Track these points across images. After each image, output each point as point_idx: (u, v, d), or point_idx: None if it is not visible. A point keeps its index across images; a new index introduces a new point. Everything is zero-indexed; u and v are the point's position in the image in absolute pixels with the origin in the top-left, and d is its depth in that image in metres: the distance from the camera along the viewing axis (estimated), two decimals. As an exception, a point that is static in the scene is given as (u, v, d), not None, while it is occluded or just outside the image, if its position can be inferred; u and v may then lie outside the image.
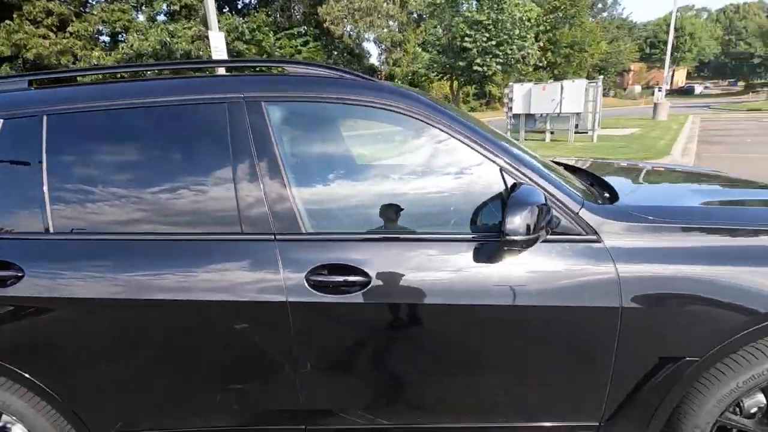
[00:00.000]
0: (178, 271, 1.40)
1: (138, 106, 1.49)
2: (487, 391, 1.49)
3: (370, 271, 1.34)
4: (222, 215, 1.43)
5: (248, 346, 1.43)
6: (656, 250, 1.35)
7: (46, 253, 1.45)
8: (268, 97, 1.47)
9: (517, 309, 1.35)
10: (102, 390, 1.51)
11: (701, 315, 1.34)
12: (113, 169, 1.52)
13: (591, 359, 1.41)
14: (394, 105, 1.45)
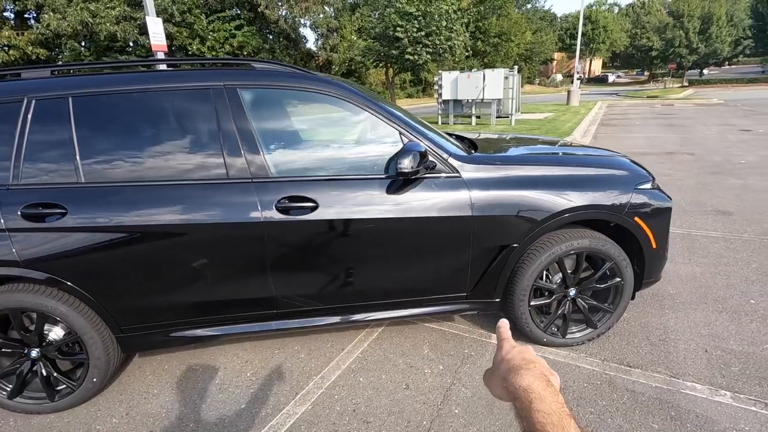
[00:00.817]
0: (181, 203, 2.04)
1: (146, 90, 2.10)
2: (396, 275, 2.30)
3: (318, 199, 2.08)
4: (213, 167, 2.09)
5: (236, 254, 2.12)
6: (490, 179, 2.23)
7: (80, 197, 2.03)
8: (242, 85, 2.14)
9: (411, 219, 2.17)
10: (126, 293, 2.12)
11: (514, 219, 2.24)
12: (127, 137, 2.11)
13: (458, 250, 2.27)
14: (327, 91, 2.19)
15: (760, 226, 4.29)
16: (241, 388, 2.32)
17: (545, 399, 0.50)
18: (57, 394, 2.21)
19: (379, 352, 2.58)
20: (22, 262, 1.96)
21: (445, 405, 2.13)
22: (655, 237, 2.39)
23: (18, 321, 2.08)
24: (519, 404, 0.51)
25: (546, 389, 0.51)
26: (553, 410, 0.49)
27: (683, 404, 2.04)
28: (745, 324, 2.65)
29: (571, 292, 2.44)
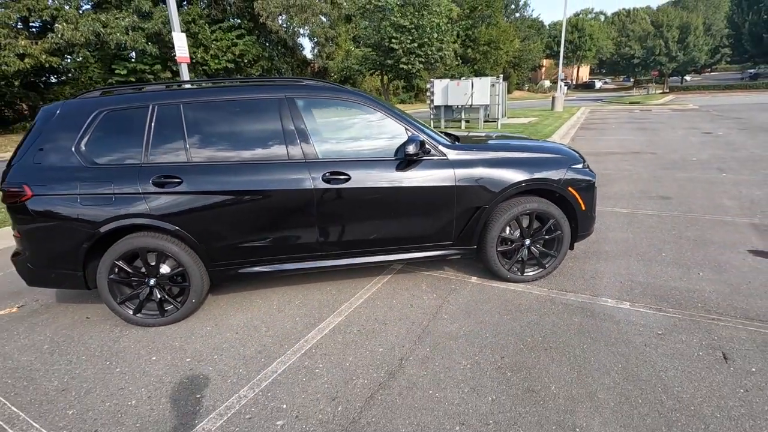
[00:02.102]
0: (257, 176, 3.01)
1: (233, 99, 3.08)
2: (403, 228, 3.28)
3: (350, 174, 3.06)
4: (278, 151, 3.06)
5: (296, 211, 3.09)
6: (468, 160, 3.23)
7: (187, 171, 2.98)
8: (297, 96, 3.13)
9: (413, 187, 3.15)
10: (218, 238, 3.07)
11: (484, 188, 3.23)
12: (220, 131, 3.08)
13: (446, 209, 3.25)
14: (354, 99, 3.19)
15: (688, 206, 5.35)
16: (293, 310, 3.29)
17: None
18: (166, 312, 3.15)
19: (389, 288, 3.56)
20: (152, 215, 2.92)
21: (438, 314, 3.11)
22: (584, 201, 3.41)
23: (143, 258, 3.03)
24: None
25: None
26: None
27: (596, 309, 3.05)
28: (653, 267, 3.68)
29: (526, 242, 3.45)
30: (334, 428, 2.09)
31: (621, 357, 2.51)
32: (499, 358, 2.56)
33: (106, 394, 2.45)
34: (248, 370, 2.59)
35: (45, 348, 2.98)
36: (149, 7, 17.39)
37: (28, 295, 3.84)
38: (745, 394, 2.16)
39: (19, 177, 2.92)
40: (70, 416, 2.29)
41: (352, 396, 2.31)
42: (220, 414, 2.24)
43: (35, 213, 2.90)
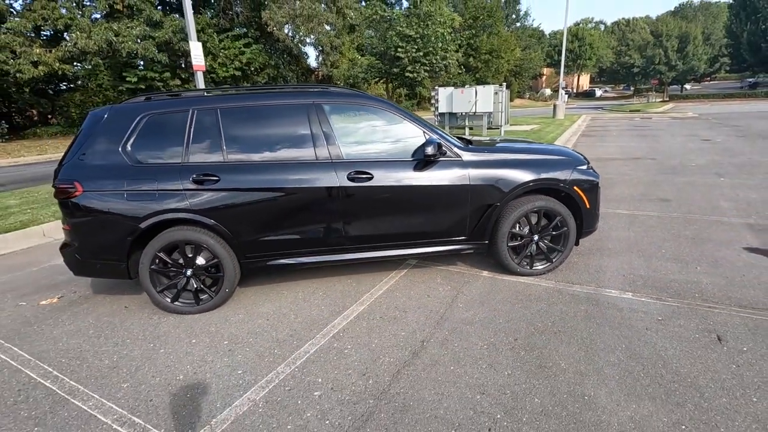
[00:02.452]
0: (287, 174, 3.27)
1: (266, 104, 3.35)
2: (421, 224, 3.53)
3: (373, 173, 3.32)
4: (308, 153, 3.32)
5: (323, 207, 3.34)
6: (480, 161, 3.49)
7: (223, 170, 3.25)
8: (324, 101, 3.40)
9: (431, 186, 3.41)
10: (250, 232, 3.33)
11: (493, 188, 3.49)
12: (254, 133, 3.35)
13: (460, 207, 3.51)
14: (376, 105, 3.47)
15: (687, 208, 5.60)
16: (318, 299, 3.53)
17: None
18: (201, 301, 3.40)
19: (406, 281, 3.80)
20: (192, 210, 3.18)
21: (453, 303, 3.35)
22: (588, 200, 3.66)
23: (182, 250, 3.28)
24: None
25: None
26: None
27: (601, 299, 3.29)
28: (653, 262, 3.92)
29: (535, 237, 3.69)
30: (366, 398, 2.33)
31: (624, 339, 2.74)
32: (513, 340, 2.80)
33: (155, 370, 2.69)
34: (282, 351, 2.83)
35: (91, 333, 3.22)
36: (160, 16, 17.83)
37: (65, 288, 4.09)
38: (736, 369, 2.39)
39: (71, 175, 3.19)
40: (125, 389, 2.53)
41: (381, 371, 2.55)
42: (261, 386, 2.47)
43: (85, 207, 3.17)
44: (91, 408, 2.38)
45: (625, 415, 2.09)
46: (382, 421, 2.15)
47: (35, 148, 16.78)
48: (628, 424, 2.04)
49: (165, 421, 2.25)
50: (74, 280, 4.28)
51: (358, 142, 3.51)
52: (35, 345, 3.08)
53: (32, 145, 17.81)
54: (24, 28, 15.14)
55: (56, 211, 6.44)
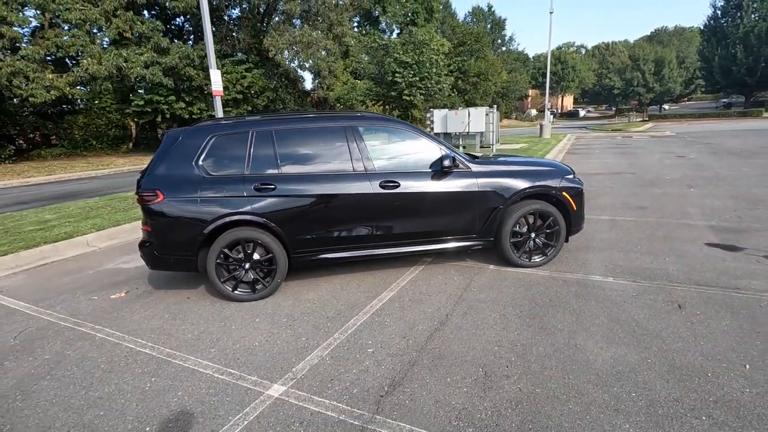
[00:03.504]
0: (330, 184, 3.99)
1: (311, 127, 4.11)
2: (439, 223, 4.26)
3: (400, 182, 4.07)
4: (345, 166, 4.06)
5: (359, 210, 4.06)
6: (486, 172, 4.27)
7: (278, 180, 3.96)
8: (358, 124, 4.17)
9: (446, 192, 4.16)
10: (299, 231, 4.02)
11: (497, 194, 4.25)
12: (302, 150, 4.08)
13: (471, 209, 4.26)
14: (400, 127, 4.25)
15: (660, 213, 6.43)
16: (353, 288, 4.21)
17: None
18: (256, 290, 4.05)
19: (425, 274, 4.51)
20: (254, 213, 3.87)
21: (468, 288, 4.06)
22: (575, 203, 4.44)
23: (243, 246, 3.96)
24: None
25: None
26: None
27: (588, 282, 4.03)
28: (630, 255, 4.69)
29: (532, 235, 4.45)
30: (410, 351, 3.01)
31: (606, 308, 3.47)
32: (519, 312, 3.52)
33: (233, 340, 3.33)
34: (334, 324, 3.50)
35: (166, 317, 3.85)
36: (166, 44, 18.73)
37: (126, 285, 4.71)
38: (690, 325, 3.13)
39: (153, 184, 3.87)
40: (213, 352, 3.17)
41: (417, 335, 3.23)
42: (324, 347, 3.14)
43: (165, 211, 3.84)
44: (192, 365, 3.01)
45: (607, 355, 2.81)
46: (425, 365, 2.83)
47: (43, 169, 17.27)
48: (609, 360, 2.75)
49: (255, 371, 2.89)
50: (133, 278, 4.91)
51: (386, 156, 4.26)
52: (122, 326, 3.70)
53: (39, 166, 18.30)
54: (37, 55, 15.85)
55: (95, 224, 7.05)
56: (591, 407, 2.33)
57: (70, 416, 2.54)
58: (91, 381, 2.89)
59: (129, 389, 2.77)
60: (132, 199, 9.24)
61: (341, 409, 2.45)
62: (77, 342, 3.48)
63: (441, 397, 2.49)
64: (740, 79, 43.41)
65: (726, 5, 44.95)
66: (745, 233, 5.27)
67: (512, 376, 2.65)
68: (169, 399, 2.64)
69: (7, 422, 2.53)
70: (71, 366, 3.11)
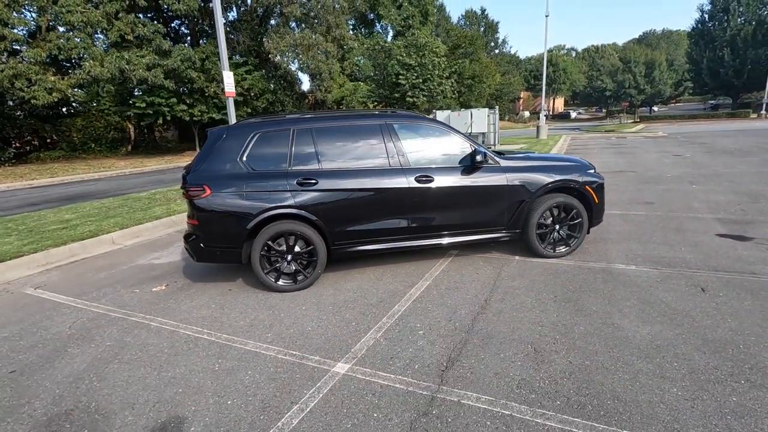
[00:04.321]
0: (368, 179, 4.19)
1: (350, 125, 4.31)
2: (470, 216, 4.47)
3: (434, 176, 4.28)
4: (383, 162, 4.26)
5: (396, 204, 4.26)
6: (514, 167, 4.50)
7: (319, 175, 4.15)
8: (393, 122, 4.37)
9: (477, 186, 4.38)
10: (339, 224, 4.20)
11: (522, 187, 4.48)
12: (341, 147, 4.27)
13: (500, 203, 4.48)
14: (432, 125, 4.47)
15: (668, 208, 6.72)
16: (389, 279, 4.40)
17: None
18: (298, 281, 4.23)
19: (455, 265, 4.72)
20: (297, 206, 4.05)
21: (499, 277, 4.28)
22: (596, 197, 4.69)
23: (285, 239, 4.14)
24: None
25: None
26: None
27: (612, 270, 4.27)
28: (647, 246, 4.95)
29: (556, 227, 4.68)
30: (459, 332, 3.21)
31: (634, 292, 3.71)
32: (553, 296, 3.74)
33: (286, 326, 3.51)
34: (379, 310, 3.69)
35: (213, 306, 4.01)
36: (168, 46, 18.80)
37: (164, 279, 4.86)
38: (716, 305, 3.38)
39: (200, 179, 4.04)
40: (269, 337, 3.34)
41: (461, 318, 3.44)
42: (376, 330, 3.33)
43: (212, 205, 4.01)
44: (253, 348, 3.19)
45: (644, 331, 3.04)
46: (476, 344, 3.03)
47: (44, 172, 17.22)
48: (647, 336, 2.98)
49: (316, 351, 3.08)
50: (168, 273, 5.06)
51: (419, 152, 4.47)
52: (173, 316, 3.86)
53: (39, 168, 18.23)
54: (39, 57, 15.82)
55: (117, 222, 7.16)
56: (639, 375, 2.55)
57: (150, 394, 2.71)
58: (160, 363, 3.06)
59: (199, 369, 2.94)
60: (148, 199, 9.36)
61: (407, 381, 2.64)
62: (133, 330, 3.63)
63: (499, 370, 2.69)
64: (728, 81, 44.41)
65: (713, 9, 45.98)
66: (751, 225, 5.56)
67: (560, 351, 2.87)
68: (241, 377, 2.82)
69: (91, 400, 2.69)
70: (135, 351, 3.26)
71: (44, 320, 3.95)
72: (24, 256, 5.59)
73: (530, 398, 2.41)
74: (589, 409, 2.29)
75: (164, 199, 9.31)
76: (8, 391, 2.85)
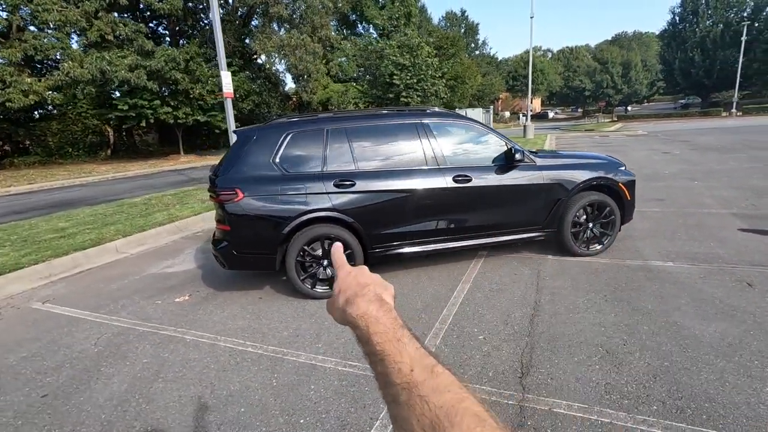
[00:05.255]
0: (406, 179, 4.06)
1: (384, 124, 4.16)
2: (508, 215, 4.38)
3: (471, 176, 4.18)
4: (419, 162, 4.13)
5: (435, 204, 4.13)
6: (550, 165, 4.44)
7: (356, 176, 3.99)
8: (429, 121, 4.25)
9: (515, 185, 4.30)
10: (377, 226, 4.05)
11: (558, 185, 4.42)
12: (377, 147, 4.12)
13: (537, 201, 4.41)
14: (466, 123, 4.37)
15: (680, 205, 6.81)
16: (426, 283, 4.27)
17: (380, 320, 0.51)
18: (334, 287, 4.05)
19: (489, 266, 4.62)
20: (335, 209, 3.88)
21: (540, 277, 4.20)
22: (629, 193, 4.67)
23: (321, 243, 3.96)
24: (358, 332, 0.53)
25: (380, 310, 0.53)
26: (387, 328, 0.50)
27: (651, 267, 4.25)
28: (675, 242, 4.97)
29: (590, 225, 4.64)
30: (521, 336, 3.11)
31: (683, 289, 3.69)
32: (603, 296, 3.68)
33: (334, 335, 3.33)
34: (429, 315, 3.55)
35: (248, 316, 3.80)
36: (151, 46, 18.14)
37: (184, 289, 4.60)
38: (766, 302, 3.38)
39: (232, 183, 3.82)
40: (321, 347, 3.16)
41: (518, 321, 3.34)
42: (432, 337, 3.19)
43: (245, 209, 3.80)
44: (307, 360, 3.01)
45: (710, 330, 3.00)
46: (544, 348, 2.93)
47: (21, 178, 16.37)
48: (715, 335, 2.94)
49: (378, 361, 2.91)
50: (186, 282, 4.79)
51: (455, 151, 4.36)
52: (208, 327, 3.63)
53: (15, 175, 17.31)
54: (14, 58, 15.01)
55: (117, 230, 6.80)
56: (725, 375, 2.50)
57: (212, 415, 2.50)
58: (210, 380, 2.84)
59: (257, 386, 2.74)
60: (144, 205, 8.96)
61: (488, 390, 2.52)
62: (168, 345, 3.39)
63: (579, 375, 2.60)
64: (699, 81, 46.10)
65: (683, 11, 47.68)
66: (766, 220, 5.67)
67: (633, 353, 2.80)
68: (305, 392, 2.64)
69: (146, 425, 2.46)
70: (178, 368, 3.04)
71: (64, 337, 3.66)
72: (25, 268, 5.22)
73: (624, 404, 2.32)
74: (690, 414, 2.21)
75: (162, 205, 8.93)
76: (46, 418, 2.59)
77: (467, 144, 4.44)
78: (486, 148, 4.43)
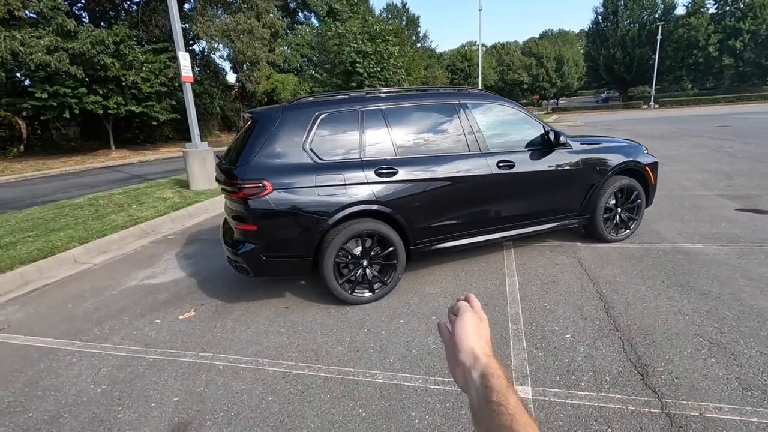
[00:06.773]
0: (450, 166, 3.67)
1: (424, 104, 3.72)
2: (551, 202, 4.14)
3: (514, 161, 3.88)
4: (460, 146, 3.76)
5: (481, 192, 3.78)
6: (585, 149, 4.26)
7: (398, 163, 3.52)
8: (467, 101, 3.88)
9: (556, 170, 4.07)
10: (421, 219, 3.62)
11: (593, 169, 4.28)
12: (416, 130, 3.68)
13: (575, 187, 4.22)
14: (505, 104, 4.05)
15: (665, 188, 7.07)
16: (467, 279, 3.92)
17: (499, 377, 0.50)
18: (375, 289, 3.58)
19: (522, 258, 4.37)
20: (377, 201, 3.40)
21: (583, 266, 4.02)
22: (653, 177, 4.65)
23: (361, 241, 3.46)
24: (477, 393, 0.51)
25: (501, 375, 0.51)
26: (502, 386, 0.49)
27: (684, 250, 4.24)
28: (687, 224, 5.06)
29: (619, 209, 4.56)
30: (608, 331, 2.86)
31: (731, 270, 3.68)
32: (661, 281, 3.56)
33: (400, 344, 2.88)
34: (494, 315, 3.21)
35: (283, 331, 3.22)
36: (73, 26, 15.80)
37: (183, 303, 3.88)
38: (819, 277, 3.44)
39: (257, 173, 3.19)
40: (392, 363, 2.70)
41: (595, 315, 3.10)
42: (515, 340, 2.85)
43: (275, 205, 3.19)
44: (386, 380, 2.54)
45: (790, 310, 2.95)
46: (643, 343, 2.70)
47: None
48: (798, 315, 2.89)
49: (472, 374, 2.52)
50: (180, 294, 4.06)
51: (495, 134, 4.02)
52: (238, 350, 3.01)
53: None
54: None
55: (70, 236, 5.71)
56: (843, 358, 2.41)
57: (303, 465, 1.97)
58: (278, 418, 2.28)
59: (340, 420, 2.24)
60: (91, 206, 7.70)
61: (619, 399, 2.23)
62: (197, 375, 2.74)
63: (701, 371, 2.39)
64: (620, 76, 50.18)
65: (605, 11, 51.47)
66: (752, 199, 6.00)
67: (738, 341, 2.65)
68: (406, 420, 2.18)
69: (220, 490, 1.87)
70: (223, 404, 2.43)
71: (45, 376, 2.86)
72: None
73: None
74: (844, 404, 2.07)
75: (114, 205, 7.74)
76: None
77: (506, 126, 4.13)
78: (523, 131, 4.15)
